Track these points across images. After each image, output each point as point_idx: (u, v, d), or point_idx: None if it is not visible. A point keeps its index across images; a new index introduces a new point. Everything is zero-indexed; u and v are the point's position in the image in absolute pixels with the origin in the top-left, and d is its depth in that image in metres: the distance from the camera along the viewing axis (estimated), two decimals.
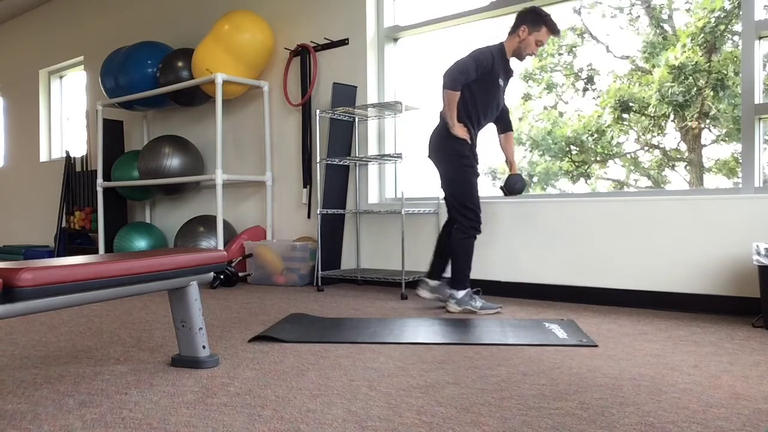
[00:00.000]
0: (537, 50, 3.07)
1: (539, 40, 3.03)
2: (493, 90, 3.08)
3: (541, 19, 3.00)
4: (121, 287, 1.69)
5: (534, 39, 3.02)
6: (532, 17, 3.00)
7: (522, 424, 1.45)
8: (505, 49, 3.08)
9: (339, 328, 2.63)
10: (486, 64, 2.99)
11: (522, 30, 3.02)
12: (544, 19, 3.00)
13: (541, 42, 3.04)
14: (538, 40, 3.02)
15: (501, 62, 3.07)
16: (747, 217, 2.91)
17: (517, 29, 3.04)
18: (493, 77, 3.05)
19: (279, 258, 4.26)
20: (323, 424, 1.46)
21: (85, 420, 1.51)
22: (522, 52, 3.07)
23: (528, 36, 3.02)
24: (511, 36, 3.07)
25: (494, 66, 3.02)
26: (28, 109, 7.45)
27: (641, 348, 2.25)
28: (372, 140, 4.34)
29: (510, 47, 3.08)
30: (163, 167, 4.89)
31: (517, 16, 3.06)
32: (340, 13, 4.43)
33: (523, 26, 3.01)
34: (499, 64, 3.06)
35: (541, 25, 3.00)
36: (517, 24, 3.04)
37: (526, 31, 3.01)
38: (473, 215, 3.04)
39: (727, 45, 4.13)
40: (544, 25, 3.00)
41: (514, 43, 3.06)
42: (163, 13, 5.74)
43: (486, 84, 3.05)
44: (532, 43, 3.03)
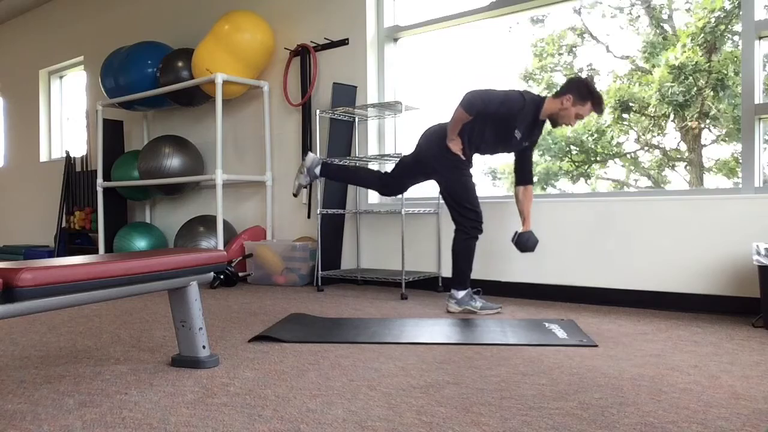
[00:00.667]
0: (574, 123, 2.92)
1: (580, 114, 2.89)
2: (504, 136, 2.98)
3: (590, 95, 2.86)
4: (121, 287, 1.69)
5: (575, 111, 2.89)
6: (581, 90, 2.86)
7: (522, 424, 1.45)
8: (542, 107, 2.95)
9: (339, 328, 2.63)
10: (511, 108, 2.88)
11: (566, 98, 2.88)
12: (593, 96, 2.86)
13: (581, 117, 2.90)
14: (579, 113, 2.89)
15: (530, 116, 2.94)
16: (747, 217, 2.91)
17: (562, 95, 2.89)
18: (510, 125, 2.93)
19: (279, 258, 4.26)
20: (323, 424, 1.46)
21: (85, 420, 1.51)
22: (558, 120, 2.94)
23: (571, 107, 2.88)
24: (554, 99, 2.92)
25: (518, 115, 2.90)
26: (28, 109, 7.45)
27: (641, 348, 2.25)
28: (372, 140, 4.34)
29: (548, 109, 2.94)
30: (163, 167, 4.89)
31: (567, 82, 2.91)
32: (340, 13, 4.43)
33: (569, 95, 2.87)
34: (525, 118, 2.93)
35: (587, 101, 2.87)
36: (565, 90, 2.89)
37: (570, 101, 2.87)
38: (473, 215, 3.04)
39: (727, 45, 4.14)
40: (590, 102, 2.87)
41: (554, 107, 2.92)
42: (163, 13, 5.74)
43: (499, 127, 2.96)
44: (572, 115, 2.90)
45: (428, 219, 3.97)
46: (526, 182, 3.14)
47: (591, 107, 2.90)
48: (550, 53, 4.98)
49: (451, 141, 3.01)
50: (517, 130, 2.96)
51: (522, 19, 4.43)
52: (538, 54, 5.03)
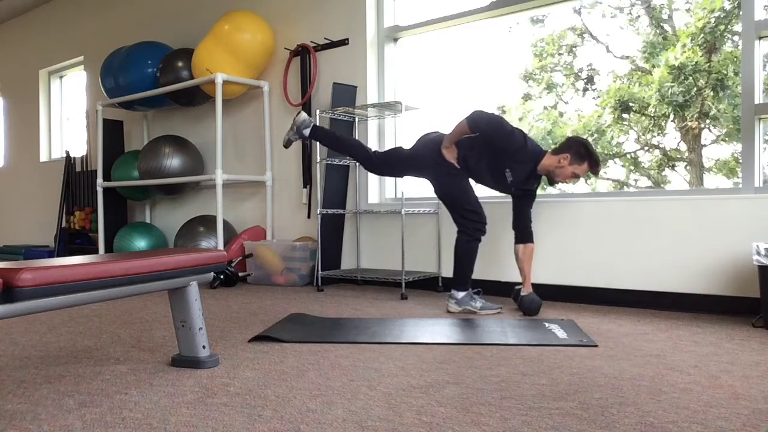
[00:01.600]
0: (569, 181, 2.98)
1: (576, 174, 2.93)
2: (496, 171, 3.00)
3: (588, 156, 2.91)
4: (121, 287, 1.69)
5: (571, 171, 2.92)
6: (580, 151, 2.90)
7: (522, 424, 1.45)
8: (540, 161, 2.97)
9: (339, 328, 2.63)
10: (511, 144, 2.90)
11: (564, 157, 2.92)
12: (591, 158, 2.91)
13: (577, 176, 2.95)
14: (574, 173, 2.93)
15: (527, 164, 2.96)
16: (747, 217, 2.91)
17: (560, 153, 2.93)
18: (504, 164, 2.95)
19: (279, 258, 4.26)
20: (323, 424, 1.46)
21: (85, 420, 1.51)
22: (554, 177, 2.97)
23: (567, 165, 2.92)
24: (553, 156, 2.96)
25: (514, 156, 2.93)
26: (28, 109, 7.45)
27: (641, 348, 2.25)
28: (372, 140, 4.34)
29: (546, 164, 2.96)
30: (163, 167, 4.89)
31: (567, 141, 2.96)
32: (340, 13, 4.43)
33: (567, 154, 2.91)
34: (522, 164, 2.95)
35: (584, 162, 2.91)
36: (564, 149, 2.94)
37: (567, 160, 2.91)
38: (475, 217, 3.04)
39: (727, 45, 4.14)
40: (587, 163, 2.91)
41: (551, 163, 2.95)
42: (163, 13, 5.74)
43: (493, 160, 2.97)
44: (568, 174, 2.94)
45: (428, 219, 3.97)
46: (526, 240, 3.10)
47: (587, 168, 2.94)
48: (550, 53, 4.98)
49: (446, 149, 3.02)
50: (509, 171, 2.98)
51: (522, 19, 4.43)
52: (538, 54, 5.03)
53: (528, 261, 3.09)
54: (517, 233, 3.12)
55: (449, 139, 3.00)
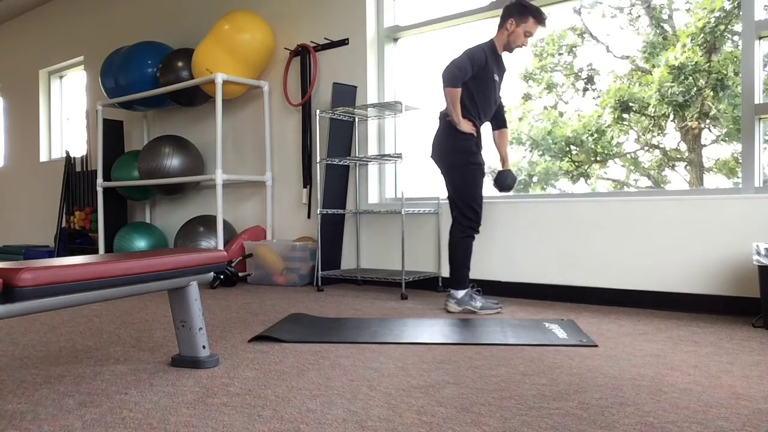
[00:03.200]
0: (526, 41, 3.09)
1: (528, 31, 3.06)
2: (491, 86, 3.12)
3: (527, 10, 3.03)
4: (121, 287, 1.69)
5: (522, 30, 3.05)
6: (519, 9, 3.04)
7: (522, 424, 1.45)
8: (495, 44, 3.11)
9: (339, 328, 2.63)
10: (480, 60, 3.03)
11: (510, 23, 3.05)
12: (530, 10, 3.03)
13: (530, 33, 3.06)
14: (526, 31, 3.05)
15: (493, 58, 3.10)
16: (747, 217, 2.91)
17: (504, 23, 3.07)
18: (488, 73, 3.08)
19: (279, 258, 4.26)
20: (323, 424, 1.46)
21: (85, 420, 1.51)
22: (512, 45, 3.09)
23: (516, 28, 3.05)
24: (500, 31, 3.09)
25: (488, 62, 3.05)
26: (28, 109, 7.45)
27: (641, 348, 2.25)
28: (372, 140, 4.34)
29: (500, 42, 3.11)
30: (163, 167, 4.88)
31: (504, 10, 3.10)
32: (340, 13, 4.43)
33: (510, 19, 3.05)
34: (492, 60, 3.09)
35: (527, 16, 3.03)
36: (504, 17, 3.07)
37: (513, 24, 3.04)
38: (474, 215, 3.04)
39: (727, 45, 4.13)
40: (530, 15, 3.03)
41: (503, 38, 3.09)
42: (163, 13, 5.74)
43: (482, 81, 3.08)
44: (521, 35, 3.06)
45: (428, 219, 3.96)
46: (501, 126, 3.32)
47: (534, 21, 3.05)
48: (550, 53, 4.98)
49: (461, 123, 3.04)
50: (495, 74, 3.12)
51: None
52: (538, 54, 5.03)
53: (504, 143, 3.32)
54: (493, 122, 3.31)
55: (456, 113, 3.02)
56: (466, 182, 3.05)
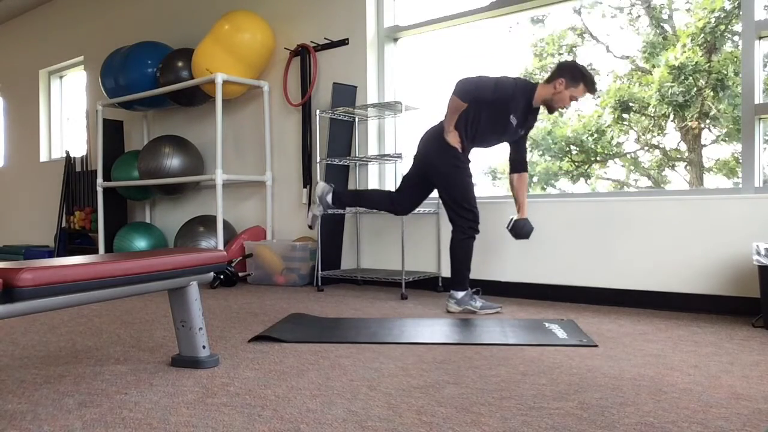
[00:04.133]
0: (570, 105, 2.95)
1: (574, 96, 2.93)
2: (500, 123, 2.99)
3: (581, 76, 2.90)
4: (121, 287, 1.69)
5: (569, 94, 2.92)
6: (573, 73, 2.90)
7: (522, 424, 1.45)
8: (535, 92, 2.97)
9: (339, 328, 2.63)
10: (504, 94, 2.89)
11: (559, 82, 2.91)
12: (585, 77, 2.90)
13: (576, 98, 2.93)
14: (573, 96, 2.92)
15: (522, 102, 2.95)
16: (747, 217, 2.91)
17: (554, 80, 2.92)
18: (504, 111, 2.95)
19: (279, 258, 4.26)
20: (323, 424, 1.46)
21: (85, 420, 1.51)
22: (554, 105, 2.97)
23: (564, 90, 2.91)
24: (546, 84, 2.95)
25: (511, 101, 2.92)
26: (28, 109, 7.45)
27: (641, 348, 2.25)
28: (372, 140, 4.34)
29: (541, 95, 2.96)
30: (163, 167, 4.89)
31: (557, 67, 2.96)
32: (340, 13, 4.43)
33: (561, 79, 2.90)
34: (518, 103, 2.94)
35: (579, 82, 2.90)
36: (556, 75, 2.93)
37: (563, 84, 2.90)
38: (471, 216, 3.04)
39: (727, 45, 4.14)
40: (582, 82, 2.91)
41: (547, 92, 2.95)
42: (163, 13, 5.74)
43: (494, 114, 2.97)
44: (567, 98, 2.93)
45: (428, 219, 3.97)
46: (521, 170, 3.17)
47: (584, 88, 2.94)
48: (550, 53, 4.98)
49: (449, 134, 3.00)
50: (513, 116, 2.98)
51: (522, 19, 4.43)
52: (538, 54, 5.03)
53: (522, 189, 3.17)
54: (512, 164, 3.18)
55: (448, 122, 2.98)
56: (457, 183, 3.03)
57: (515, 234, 3.10)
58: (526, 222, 3.10)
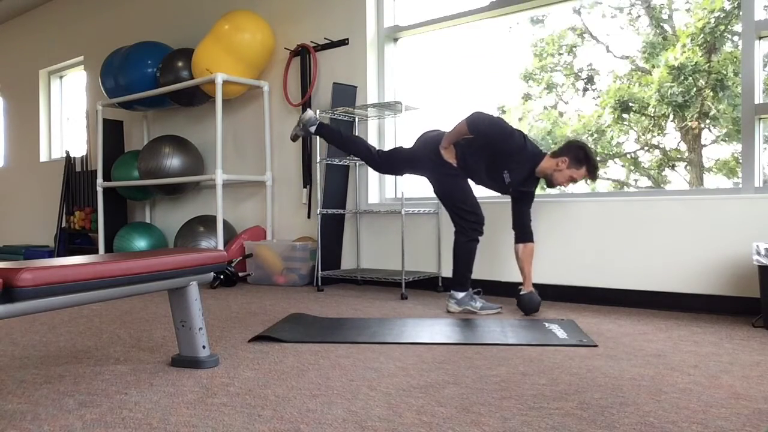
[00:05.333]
0: (566, 185, 2.96)
1: (573, 177, 2.93)
2: (494, 172, 2.99)
3: (586, 161, 2.90)
4: (121, 287, 1.69)
5: (569, 174, 2.92)
6: (578, 155, 2.90)
7: (522, 424, 1.45)
8: (537, 163, 2.96)
9: (339, 328, 2.63)
10: (511, 146, 2.90)
11: (562, 160, 2.91)
12: (589, 162, 2.90)
13: (575, 180, 2.94)
14: (572, 176, 2.93)
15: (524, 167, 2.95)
16: (747, 217, 2.91)
17: (559, 156, 2.93)
18: (503, 165, 2.95)
19: (279, 258, 4.26)
20: (323, 424, 1.46)
21: (85, 420, 1.51)
22: (552, 180, 2.96)
23: (565, 169, 2.91)
24: (552, 158, 2.95)
25: (512, 158, 2.92)
26: (28, 109, 7.45)
27: (641, 348, 2.25)
28: (372, 140, 4.34)
29: (544, 167, 2.96)
30: (163, 167, 4.89)
31: (566, 143, 2.96)
32: (340, 13, 4.43)
33: (565, 158, 2.91)
34: (519, 167, 2.94)
35: (582, 166, 2.91)
36: (563, 152, 2.93)
37: (565, 163, 2.91)
38: (473, 217, 3.04)
39: (726, 45, 4.14)
40: (585, 167, 2.91)
41: (549, 166, 2.95)
42: (163, 13, 5.74)
43: (493, 161, 2.96)
44: (566, 177, 2.93)
45: (428, 219, 3.97)
46: (525, 240, 3.08)
47: (585, 173, 2.93)
48: (550, 53, 4.98)
49: (444, 149, 3.02)
50: (507, 173, 2.96)
51: (522, 19, 4.43)
52: (538, 54, 5.03)
53: (528, 260, 3.07)
54: (516, 233, 3.10)
55: (448, 140, 3.00)
56: (455, 187, 3.04)
57: (523, 310, 2.98)
58: (533, 296, 2.97)
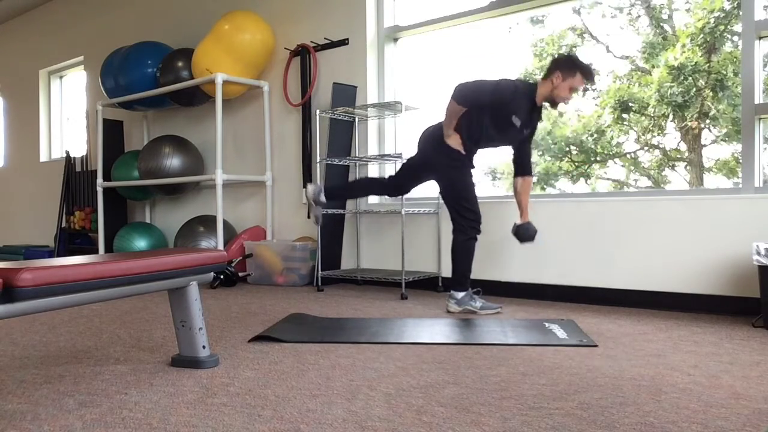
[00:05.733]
0: (571, 96, 2.96)
1: (573, 87, 2.93)
2: (503, 126, 2.99)
3: (576, 66, 2.91)
4: (121, 287, 1.69)
5: (568, 86, 2.92)
6: (567, 64, 2.92)
7: (522, 424, 1.45)
8: (536, 93, 2.99)
9: (339, 328, 2.63)
10: (504, 97, 2.90)
11: (556, 76, 2.92)
12: (580, 66, 2.91)
13: (575, 89, 2.94)
14: (572, 86, 2.93)
15: (524, 103, 2.96)
16: (747, 217, 2.91)
17: (550, 75, 2.94)
18: (506, 113, 2.95)
19: (279, 258, 4.26)
20: (323, 424, 1.46)
21: (85, 420, 1.51)
22: (556, 99, 2.97)
23: (562, 83, 2.92)
24: (544, 82, 2.97)
25: (512, 102, 2.92)
26: (28, 109, 7.45)
27: (641, 348, 2.25)
28: (372, 140, 4.34)
29: (542, 92, 2.98)
30: (163, 167, 4.89)
31: (551, 62, 2.97)
32: (340, 13, 4.43)
33: (557, 72, 2.92)
34: (521, 104, 2.95)
35: (575, 72, 2.91)
36: (551, 70, 2.95)
37: (560, 78, 2.92)
38: (472, 216, 3.04)
39: (726, 45, 4.14)
40: (579, 71, 2.92)
41: (547, 89, 2.97)
42: (163, 13, 5.74)
43: (497, 117, 2.97)
44: (566, 90, 2.94)
45: (428, 219, 3.97)
46: (525, 173, 3.16)
47: (581, 78, 2.95)
48: (550, 53, 4.98)
49: (448, 137, 3.02)
50: (515, 117, 2.97)
51: (522, 19, 4.43)
52: (538, 54, 5.03)
53: (526, 193, 3.17)
54: (516, 168, 3.17)
55: (447, 126, 2.99)
56: (457, 184, 3.04)
57: (519, 238, 3.11)
58: (529, 226, 3.10)
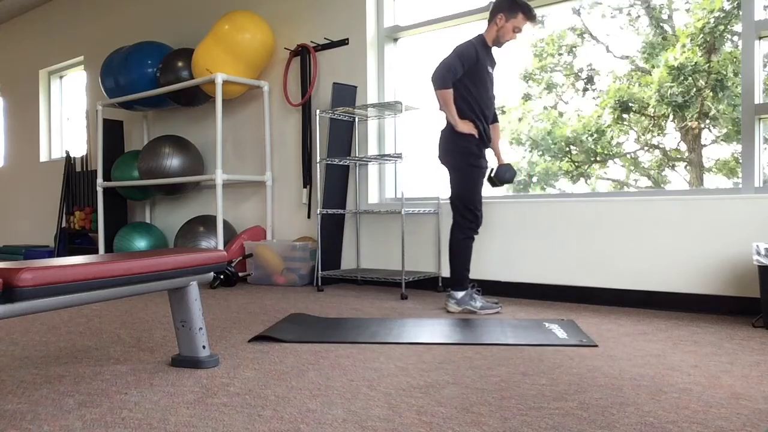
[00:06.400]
0: (515, 36, 3.10)
1: (516, 27, 3.05)
2: (486, 80, 3.11)
3: (517, 6, 3.02)
4: (121, 287, 1.69)
5: (511, 26, 3.05)
6: (509, 4, 3.03)
7: (522, 424, 1.45)
8: (485, 39, 3.11)
9: (339, 328, 2.63)
10: (470, 56, 3.02)
11: (499, 18, 3.04)
12: (520, 5, 3.03)
13: (519, 28, 3.07)
14: (515, 26, 3.05)
15: (484, 52, 3.09)
16: (747, 217, 2.91)
17: (494, 18, 3.06)
18: (482, 67, 3.07)
19: (279, 258, 4.26)
20: (323, 424, 1.46)
21: (85, 420, 1.51)
22: (501, 40, 3.09)
23: (505, 23, 3.04)
24: (490, 26, 3.09)
25: (479, 56, 3.05)
26: (28, 109, 7.45)
27: (641, 348, 2.25)
28: (372, 140, 4.34)
29: (489, 37, 3.10)
30: (163, 167, 4.89)
31: (493, 5, 3.09)
32: (340, 13, 4.43)
33: (500, 14, 3.04)
34: (484, 54, 3.09)
35: (517, 11, 3.03)
36: (494, 13, 3.06)
37: (503, 19, 3.04)
38: (472, 216, 3.05)
39: (726, 45, 4.14)
40: (520, 11, 3.03)
41: (492, 32, 3.09)
42: (163, 13, 5.74)
43: (477, 76, 3.07)
44: (510, 30, 3.06)
45: (428, 219, 3.97)
46: (492, 121, 3.27)
47: (524, 17, 3.05)
48: (550, 53, 4.98)
49: (458, 124, 3.03)
50: (489, 67, 3.12)
51: None
52: (538, 54, 5.03)
53: (497, 137, 3.31)
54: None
55: (452, 116, 3.02)
56: (466, 185, 3.04)
57: (499, 179, 3.18)
58: (507, 167, 3.18)
